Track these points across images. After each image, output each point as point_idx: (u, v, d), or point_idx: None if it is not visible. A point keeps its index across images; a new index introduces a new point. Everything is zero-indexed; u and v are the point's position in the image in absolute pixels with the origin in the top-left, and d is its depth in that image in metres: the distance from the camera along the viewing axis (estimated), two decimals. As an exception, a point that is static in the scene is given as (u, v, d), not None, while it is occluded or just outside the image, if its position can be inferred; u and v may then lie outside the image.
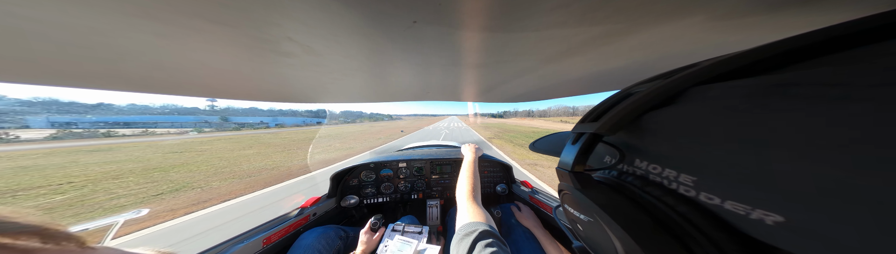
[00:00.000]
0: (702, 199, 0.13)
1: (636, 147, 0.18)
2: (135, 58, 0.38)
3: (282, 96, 0.84)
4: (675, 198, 0.15)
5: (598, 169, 0.22)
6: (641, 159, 0.17)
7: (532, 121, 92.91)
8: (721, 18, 0.29)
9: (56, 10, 0.23)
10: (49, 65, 0.37)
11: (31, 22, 0.25)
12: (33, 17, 0.24)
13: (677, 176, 0.15)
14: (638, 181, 0.18)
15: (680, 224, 0.14)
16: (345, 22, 0.29)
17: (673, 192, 0.15)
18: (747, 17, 0.28)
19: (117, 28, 0.27)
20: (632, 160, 0.18)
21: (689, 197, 0.14)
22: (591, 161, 0.21)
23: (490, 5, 0.26)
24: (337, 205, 1.09)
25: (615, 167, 0.20)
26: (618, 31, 0.33)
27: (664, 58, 0.46)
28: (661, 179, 0.16)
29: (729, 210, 0.12)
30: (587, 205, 0.18)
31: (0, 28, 0.26)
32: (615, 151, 0.20)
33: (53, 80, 0.45)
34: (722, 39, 0.36)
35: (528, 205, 1.04)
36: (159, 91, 0.61)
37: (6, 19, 0.24)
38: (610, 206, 0.17)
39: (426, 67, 0.55)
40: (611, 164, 0.21)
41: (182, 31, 0.29)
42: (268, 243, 0.72)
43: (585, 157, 0.19)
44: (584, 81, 0.70)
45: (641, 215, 0.16)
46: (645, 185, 0.17)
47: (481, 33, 0.34)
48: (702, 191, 0.13)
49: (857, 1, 0.22)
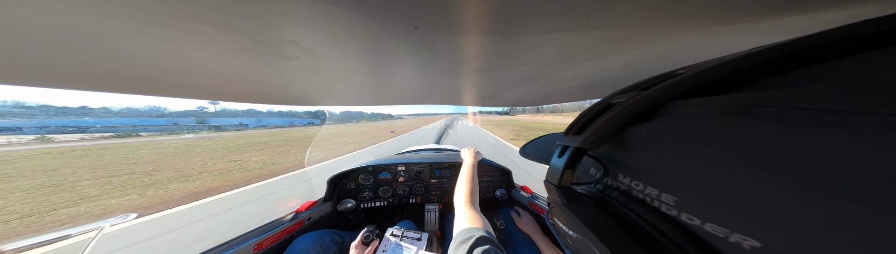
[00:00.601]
0: (683, 219, 0.13)
1: (619, 162, 0.18)
2: (141, 61, 0.38)
3: (284, 99, 0.85)
4: (657, 216, 0.15)
5: (583, 183, 0.21)
6: (624, 175, 0.17)
7: (546, 117, 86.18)
8: (723, 23, 0.29)
9: (63, 15, 0.24)
10: (56, 68, 0.38)
11: (38, 26, 0.25)
12: (40, 22, 0.25)
13: (659, 195, 0.14)
14: (621, 197, 0.17)
15: (662, 243, 0.14)
16: (347, 26, 0.30)
17: (655, 210, 0.15)
18: (748, 20, 0.28)
19: (123, 32, 0.28)
20: (615, 175, 0.18)
21: (671, 216, 0.14)
22: (578, 173, 0.21)
23: (491, 11, 0.26)
24: (333, 209, 1.07)
25: (600, 181, 0.20)
26: (618, 36, 0.33)
27: (665, 63, 0.47)
28: (643, 195, 0.16)
29: (708, 232, 0.12)
30: (575, 222, 0.18)
31: (5, 32, 0.26)
32: (599, 165, 0.19)
33: (60, 83, 0.45)
34: (725, 43, 0.36)
35: (527, 210, 1.02)
36: (164, 94, 0.61)
37: (11, 23, 0.24)
38: (596, 225, 0.16)
39: (427, 71, 0.55)
40: (596, 178, 0.20)
41: (186, 35, 0.29)
42: (259, 249, 0.70)
43: (571, 171, 0.19)
44: (584, 86, 0.70)
45: (624, 234, 0.15)
46: (628, 201, 0.17)
47: (482, 38, 0.34)
48: (683, 211, 0.13)
49: (850, 3, 0.22)
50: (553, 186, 0.19)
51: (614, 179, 0.18)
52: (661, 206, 0.14)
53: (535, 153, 0.37)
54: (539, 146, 0.38)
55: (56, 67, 0.38)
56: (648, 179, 0.15)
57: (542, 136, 0.41)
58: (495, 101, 1.14)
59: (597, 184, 0.20)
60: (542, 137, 0.41)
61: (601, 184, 0.20)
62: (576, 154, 0.18)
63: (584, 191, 0.21)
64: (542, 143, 0.38)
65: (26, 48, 0.30)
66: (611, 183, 0.19)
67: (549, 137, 0.40)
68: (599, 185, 0.20)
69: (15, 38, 0.28)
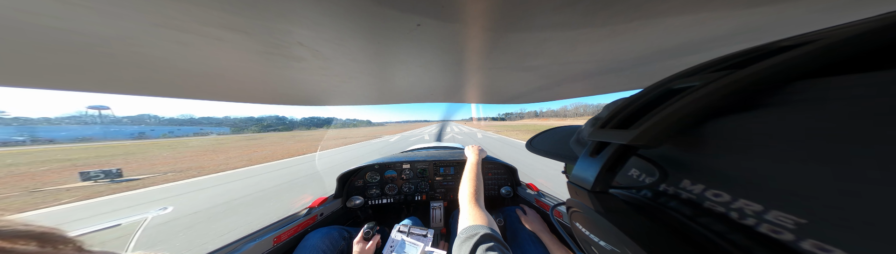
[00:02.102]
0: (806, 247, 0.10)
1: (686, 164, 0.14)
2: (160, 65, 0.40)
3: (294, 99, 0.88)
4: (749, 237, 0.11)
5: (624, 187, 0.17)
6: (693, 181, 0.13)
7: (547, 121, 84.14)
8: (735, 7, 0.27)
9: (89, 22, 0.25)
10: (82, 72, 0.41)
11: (66, 34, 0.27)
12: (69, 29, 0.26)
13: (762, 212, 0.11)
14: (686, 208, 0.14)
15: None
16: (351, 26, 0.30)
17: (747, 229, 0.11)
18: (764, 5, 0.26)
19: (144, 37, 0.30)
20: (678, 180, 0.14)
21: (780, 241, 0.10)
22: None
23: (493, 6, 0.26)
24: (343, 205, 1.10)
25: (651, 187, 0.16)
26: (624, 30, 0.33)
27: (673, 56, 0.45)
28: (725, 209, 0.12)
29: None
30: (611, 232, 0.14)
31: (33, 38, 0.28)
32: (652, 168, 0.15)
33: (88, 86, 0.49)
34: (738, 32, 0.34)
35: (533, 208, 1.02)
36: (183, 96, 0.64)
37: (41, 31, 0.26)
38: (647, 239, 0.13)
39: (430, 69, 0.56)
40: (644, 182, 0.16)
41: (202, 39, 0.31)
42: (278, 242, 0.74)
43: (612, 174, 0.15)
44: (590, 81, 0.69)
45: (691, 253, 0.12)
46: (698, 214, 0.13)
47: (485, 35, 0.34)
48: (809, 238, 0.09)
49: None
50: (584, 191, 0.16)
51: (675, 185, 0.14)
52: (758, 225, 0.11)
53: (545, 148, 0.32)
54: (549, 140, 0.33)
55: (83, 71, 0.41)
56: (743, 191, 0.11)
57: (552, 128, 0.37)
58: (501, 98, 1.13)
59: (645, 190, 0.16)
60: (552, 129, 0.36)
61: (650, 190, 0.16)
62: (621, 153, 0.15)
63: (623, 197, 0.17)
64: (553, 136, 0.34)
65: (56, 54, 0.33)
66: (667, 190, 0.15)
67: (560, 129, 0.35)
68: (648, 191, 0.16)
69: (46, 45, 0.30)
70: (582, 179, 0.16)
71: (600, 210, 0.15)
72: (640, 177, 0.17)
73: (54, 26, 0.26)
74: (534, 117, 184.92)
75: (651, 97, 0.16)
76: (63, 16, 0.24)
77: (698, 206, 0.13)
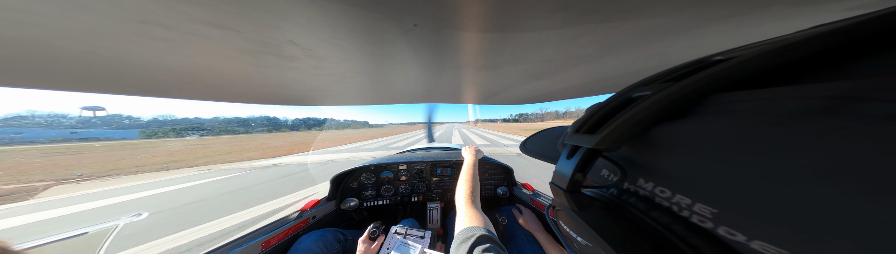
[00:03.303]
0: (721, 233, 0.11)
1: (641, 165, 0.16)
2: (143, 63, 0.38)
3: (286, 99, 0.86)
4: (687, 228, 0.13)
5: (595, 186, 0.20)
6: (646, 179, 0.15)
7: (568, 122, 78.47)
8: (728, 15, 0.28)
9: (62, 17, 0.24)
10: (57, 70, 0.38)
11: (39, 28, 0.26)
12: (41, 23, 0.25)
13: (691, 204, 0.12)
14: (641, 204, 0.16)
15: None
16: (346, 26, 0.30)
17: (683, 220, 0.13)
18: (755, 11, 0.28)
19: (124, 34, 0.28)
20: (635, 179, 0.16)
21: (704, 228, 0.12)
22: (588, 174, 0.19)
23: (490, 7, 0.26)
24: (337, 208, 1.08)
25: (616, 185, 0.18)
26: (621, 31, 0.33)
27: (668, 58, 0.46)
28: (668, 204, 0.14)
29: (755, 250, 0.10)
30: (584, 229, 0.16)
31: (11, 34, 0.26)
32: (615, 168, 0.17)
33: (63, 85, 0.46)
34: (730, 37, 0.35)
35: (529, 208, 1.03)
36: (166, 95, 0.62)
37: (15, 26, 0.25)
38: (610, 234, 0.15)
39: (426, 69, 0.55)
40: (610, 181, 0.18)
41: (187, 36, 0.30)
42: (267, 247, 0.72)
43: (583, 174, 0.17)
44: (587, 83, 0.70)
45: (645, 246, 0.14)
46: (650, 209, 0.15)
47: (482, 35, 0.34)
48: (722, 225, 0.11)
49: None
50: (561, 190, 0.18)
51: (633, 183, 0.16)
52: (691, 216, 0.13)
53: (538, 150, 0.34)
54: (541, 142, 0.35)
55: (57, 69, 0.38)
56: (678, 187, 0.13)
57: (544, 130, 0.38)
58: (498, 99, 1.14)
59: (611, 188, 0.19)
60: (544, 131, 0.38)
61: (616, 188, 0.18)
62: (589, 156, 0.16)
63: (594, 195, 0.19)
64: (544, 138, 0.35)
65: (27, 50, 0.31)
66: (628, 188, 0.17)
67: (551, 131, 0.36)
68: (614, 189, 0.18)
69: (16, 42, 0.28)
70: (559, 179, 0.18)
71: (574, 208, 0.17)
72: (609, 176, 0.19)
73: (26, 21, 0.24)
74: (556, 118, 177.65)
75: (614, 105, 0.17)
76: (35, 10, 0.22)
77: (650, 201, 0.15)
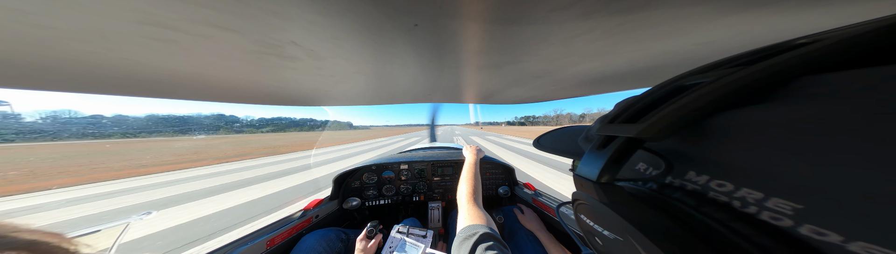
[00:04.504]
0: (803, 232, 0.10)
1: (692, 157, 0.14)
2: (146, 64, 0.39)
3: (288, 100, 0.86)
4: (752, 225, 0.12)
5: (629, 179, 0.18)
6: (698, 173, 0.14)
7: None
8: (731, 11, 0.28)
9: (65, 18, 0.24)
10: (60, 71, 0.39)
11: (45, 29, 0.26)
12: (44, 25, 0.25)
13: (763, 199, 0.11)
14: (690, 199, 0.14)
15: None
16: (347, 26, 0.30)
17: (749, 217, 0.12)
18: (759, 9, 0.27)
19: (126, 35, 0.28)
20: (683, 172, 0.14)
21: (780, 227, 0.11)
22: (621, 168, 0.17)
23: (491, 7, 0.26)
24: (339, 207, 1.09)
25: (655, 179, 0.16)
26: (622, 31, 0.33)
27: (673, 56, 0.46)
28: (729, 199, 0.12)
29: (853, 252, 0.09)
30: (616, 222, 0.15)
31: (7, 36, 0.27)
32: (658, 160, 0.16)
33: (63, 86, 0.47)
34: (736, 36, 0.34)
35: (530, 207, 1.03)
36: (169, 96, 0.62)
37: (14, 27, 0.25)
38: (654, 229, 0.13)
39: (427, 69, 0.55)
40: (650, 175, 0.17)
41: (189, 37, 0.30)
42: (271, 245, 0.73)
43: (618, 166, 0.16)
44: (590, 81, 0.70)
45: (697, 243, 0.12)
46: (702, 204, 0.13)
47: (482, 35, 0.34)
48: (807, 223, 0.10)
49: None
50: (589, 182, 0.16)
51: (679, 177, 0.15)
52: (760, 213, 0.11)
53: (554, 146, 0.33)
54: (557, 138, 0.34)
55: (62, 70, 0.39)
56: (747, 180, 0.12)
57: (560, 127, 0.38)
58: (498, 98, 1.14)
59: (650, 182, 0.17)
60: (561, 128, 0.37)
61: (656, 182, 0.16)
62: (627, 146, 0.15)
63: (627, 188, 0.18)
64: (561, 135, 0.34)
65: (33, 52, 0.31)
66: (672, 182, 0.15)
67: (568, 128, 0.36)
68: (653, 183, 0.17)
69: (21, 43, 0.28)
70: (587, 171, 0.17)
71: (605, 201, 0.15)
72: (647, 170, 0.17)
73: (30, 23, 0.24)
74: (571, 123, 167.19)
75: (661, 94, 0.16)
76: (40, 11, 0.23)
77: (703, 196, 0.14)
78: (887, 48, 0.10)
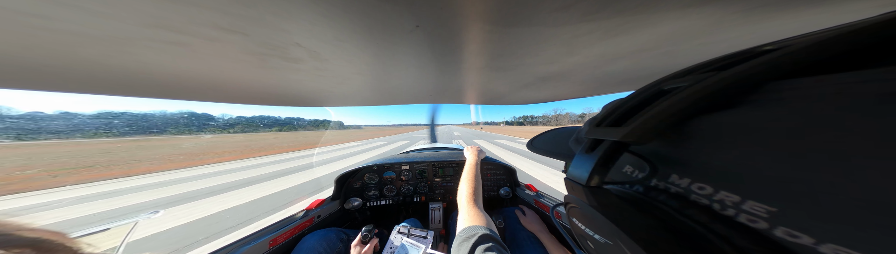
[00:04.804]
0: (778, 234, 0.10)
1: (674, 159, 0.14)
2: (153, 65, 0.40)
3: (292, 100, 0.87)
4: (730, 227, 0.12)
5: (617, 183, 0.18)
6: (681, 176, 0.14)
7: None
8: (733, 11, 0.28)
9: (75, 22, 0.25)
10: (72, 73, 0.40)
11: (59, 33, 0.27)
12: (60, 29, 0.26)
13: (740, 202, 0.11)
14: (673, 202, 0.14)
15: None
16: (349, 27, 0.30)
17: (727, 219, 0.12)
18: (760, 10, 0.27)
19: (134, 38, 0.29)
20: (666, 175, 0.15)
21: (757, 229, 0.11)
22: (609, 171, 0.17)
23: (492, 8, 0.26)
24: (340, 207, 1.09)
25: (642, 182, 0.17)
26: (621, 31, 0.33)
27: (674, 57, 0.46)
28: (709, 201, 0.13)
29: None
30: (605, 226, 0.15)
31: (20, 38, 0.28)
32: (643, 163, 0.16)
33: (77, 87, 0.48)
34: (740, 34, 0.34)
35: (532, 209, 1.02)
36: (176, 97, 0.63)
37: (26, 30, 0.26)
38: (639, 233, 0.13)
39: (429, 70, 0.56)
40: (636, 178, 0.17)
41: (196, 39, 0.31)
42: (274, 245, 0.73)
43: (605, 169, 0.16)
44: (593, 82, 0.70)
45: (674, 243, 0.12)
46: (684, 207, 0.14)
47: (483, 36, 0.34)
48: (781, 225, 0.10)
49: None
50: (578, 186, 0.17)
51: (663, 180, 0.15)
52: (737, 215, 0.12)
53: (547, 147, 0.33)
54: (550, 140, 0.34)
55: (75, 72, 0.40)
56: (724, 183, 0.12)
57: (553, 129, 0.38)
58: (500, 99, 1.14)
59: (636, 185, 0.17)
60: (553, 130, 0.38)
61: (642, 185, 0.17)
62: (613, 150, 0.15)
63: (617, 192, 0.18)
64: (554, 136, 0.35)
65: (46, 54, 0.32)
66: (657, 185, 0.16)
67: (560, 130, 0.36)
68: (639, 186, 0.17)
69: (33, 46, 0.29)
70: (577, 174, 0.17)
71: (594, 204, 0.16)
72: (633, 173, 0.18)
73: (43, 26, 0.25)
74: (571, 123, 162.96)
75: (643, 97, 0.16)
76: (53, 15, 0.23)
77: (685, 199, 0.14)
78: (852, 53, 0.10)
